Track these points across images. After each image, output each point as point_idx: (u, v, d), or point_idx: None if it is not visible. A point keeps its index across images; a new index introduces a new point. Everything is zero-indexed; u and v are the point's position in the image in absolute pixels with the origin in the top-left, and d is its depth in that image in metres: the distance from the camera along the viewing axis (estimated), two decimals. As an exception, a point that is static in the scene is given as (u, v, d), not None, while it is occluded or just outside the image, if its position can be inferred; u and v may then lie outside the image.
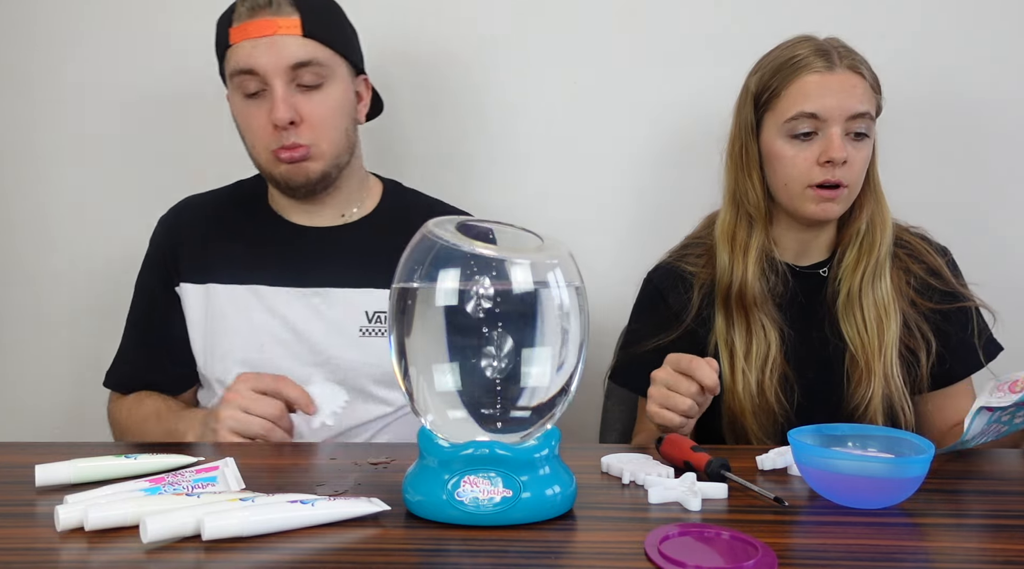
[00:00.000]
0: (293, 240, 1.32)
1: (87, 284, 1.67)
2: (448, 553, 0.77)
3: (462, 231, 0.83)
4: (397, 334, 0.84)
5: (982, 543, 0.80)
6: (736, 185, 1.30)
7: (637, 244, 1.59)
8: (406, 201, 1.39)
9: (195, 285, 1.32)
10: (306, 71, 1.22)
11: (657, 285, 1.36)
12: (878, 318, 1.26)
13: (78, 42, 1.64)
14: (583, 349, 0.84)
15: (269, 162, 1.26)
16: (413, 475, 0.85)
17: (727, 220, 1.31)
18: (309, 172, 1.26)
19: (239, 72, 1.22)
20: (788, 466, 0.98)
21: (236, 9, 1.23)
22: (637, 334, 1.34)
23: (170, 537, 0.76)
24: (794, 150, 1.23)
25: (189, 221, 1.37)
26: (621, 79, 1.60)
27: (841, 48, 1.25)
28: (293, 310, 1.29)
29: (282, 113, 1.20)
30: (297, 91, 1.23)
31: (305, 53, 1.22)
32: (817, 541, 0.79)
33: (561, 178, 1.63)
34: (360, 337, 1.28)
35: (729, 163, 1.31)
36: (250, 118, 1.24)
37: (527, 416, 0.83)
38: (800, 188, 1.24)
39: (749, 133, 1.28)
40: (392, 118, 1.58)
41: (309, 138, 1.24)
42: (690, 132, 1.60)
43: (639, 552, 0.74)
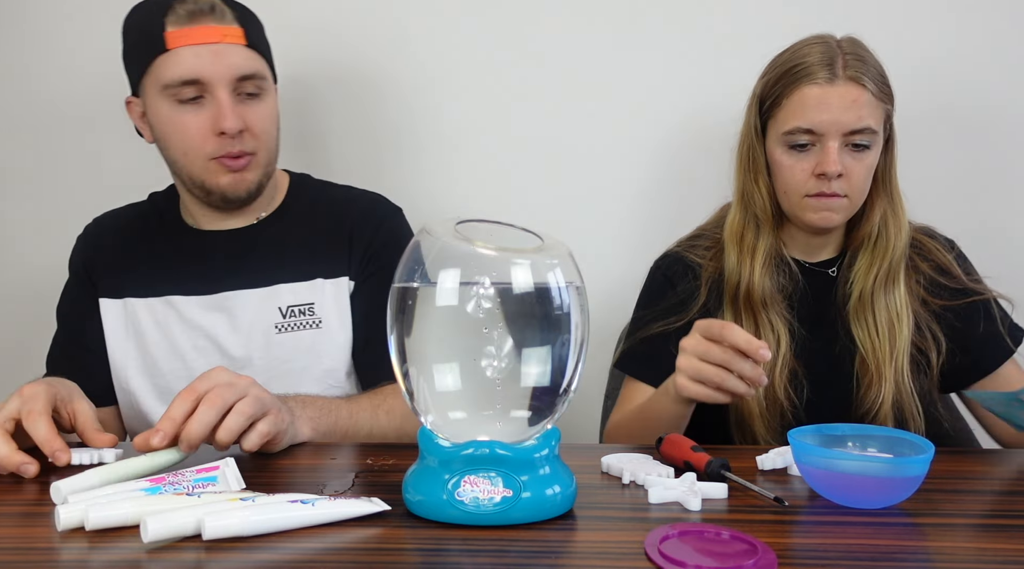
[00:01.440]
0: (204, 248, 1.32)
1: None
2: (448, 553, 0.77)
3: (462, 231, 0.83)
4: (397, 334, 0.84)
5: (982, 543, 0.80)
6: (744, 187, 1.30)
7: (637, 244, 1.59)
8: (314, 193, 1.38)
9: (113, 300, 1.32)
10: (249, 82, 1.21)
11: (665, 272, 1.35)
12: (890, 323, 1.25)
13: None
14: (583, 349, 0.84)
15: (207, 170, 1.23)
16: (413, 475, 0.85)
17: (735, 220, 1.30)
18: (250, 183, 1.25)
19: (179, 82, 1.18)
20: (788, 466, 0.98)
21: (169, 12, 1.18)
22: (643, 321, 1.33)
23: (170, 537, 0.76)
24: (791, 160, 1.23)
25: (105, 236, 1.37)
26: (618, 77, 1.60)
27: (850, 55, 1.22)
28: (208, 318, 1.29)
29: (232, 122, 1.18)
30: (239, 101, 1.21)
31: (250, 66, 1.21)
32: (817, 541, 0.79)
33: (560, 178, 1.63)
34: (277, 334, 1.28)
35: (738, 165, 1.31)
36: (185, 125, 1.20)
37: (527, 416, 0.83)
38: (797, 197, 1.24)
39: (756, 137, 1.27)
40: (379, 119, 1.60)
41: (252, 146, 1.23)
42: (691, 130, 1.60)
43: (639, 552, 0.74)
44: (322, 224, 1.33)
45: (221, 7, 1.20)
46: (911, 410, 1.25)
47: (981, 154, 1.58)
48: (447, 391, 0.83)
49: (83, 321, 1.34)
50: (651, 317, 1.32)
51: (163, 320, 1.30)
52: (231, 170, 1.23)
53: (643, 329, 1.32)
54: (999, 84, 1.56)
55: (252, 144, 1.23)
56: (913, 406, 1.25)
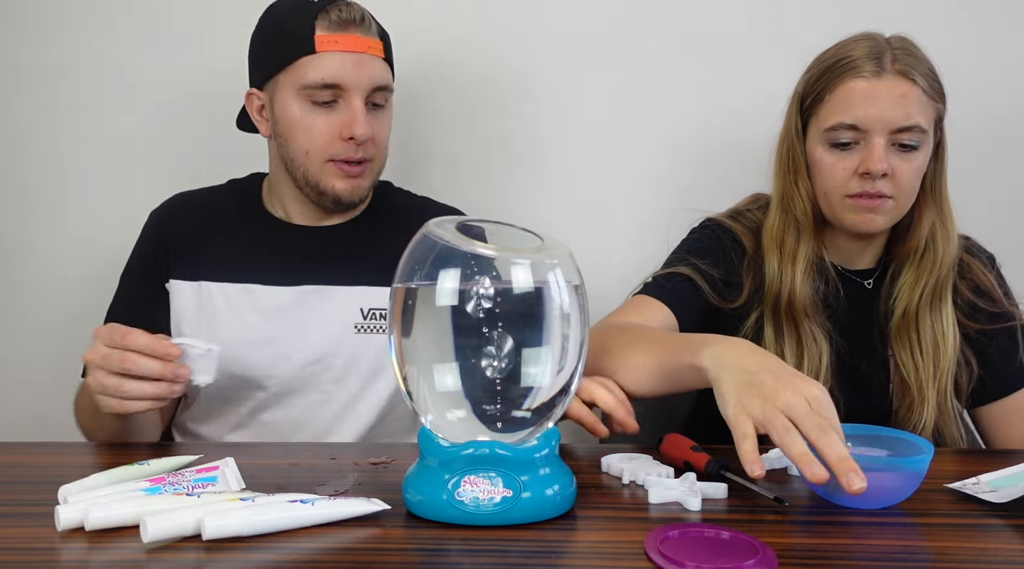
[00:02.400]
0: (287, 239, 1.32)
1: (78, 284, 1.67)
2: (448, 553, 0.77)
3: (462, 231, 0.83)
4: (397, 334, 0.84)
5: (982, 543, 0.80)
6: (783, 190, 1.24)
7: (636, 243, 1.59)
8: (397, 201, 1.41)
9: (186, 282, 1.31)
10: (380, 94, 1.26)
11: (718, 234, 1.29)
12: (935, 343, 1.20)
13: (77, 36, 1.64)
14: (583, 349, 0.84)
15: (324, 172, 1.26)
16: (413, 475, 0.85)
17: (776, 225, 1.24)
18: (364, 190, 1.29)
19: (321, 84, 1.21)
20: (788, 466, 0.98)
21: (320, 16, 1.21)
22: (678, 260, 1.27)
23: (170, 537, 0.76)
24: (833, 158, 1.18)
25: (182, 217, 1.35)
26: (632, 82, 1.61)
27: (899, 50, 1.16)
28: (288, 309, 1.29)
29: (364, 130, 1.22)
30: (368, 111, 1.25)
31: (385, 78, 1.26)
32: (817, 541, 0.79)
33: (560, 179, 1.63)
34: (356, 334, 1.29)
35: (777, 167, 1.26)
36: (313, 125, 1.24)
37: (527, 416, 0.83)
38: (839, 198, 1.19)
39: (796, 136, 1.23)
40: (414, 120, 1.60)
41: (371, 154, 1.27)
42: (698, 134, 1.60)
43: (639, 552, 0.74)
44: (410, 232, 1.34)
45: (369, 19, 1.25)
46: (952, 434, 1.21)
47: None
48: (447, 391, 0.83)
49: (143, 302, 1.32)
50: (691, 262, 1.26)
51: (238, 306, 1.29)
52: (348, 175, 1.26)
53: (674, 268, 1.26)
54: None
55: (372, 152, 1.27)
56: (955, 429, 1.21)
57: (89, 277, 1.62)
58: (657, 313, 1.23)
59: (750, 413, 0.85)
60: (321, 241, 1.32)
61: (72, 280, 1.67)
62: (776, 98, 1.28)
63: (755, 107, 1.49)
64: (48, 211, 1.67)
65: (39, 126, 1.66)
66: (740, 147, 1.56)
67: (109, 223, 1.64)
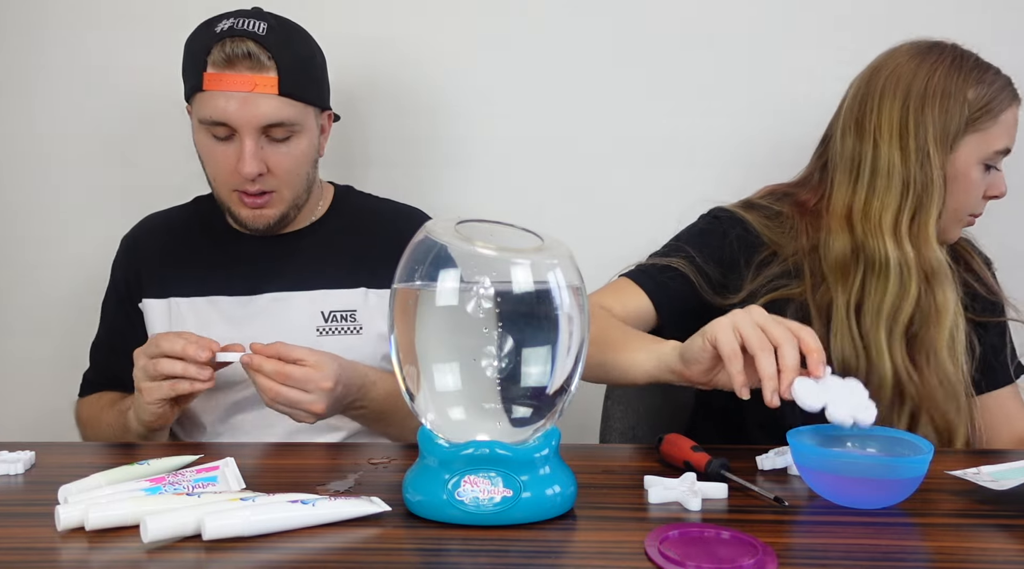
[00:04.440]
0: (248, 250, 1.34)
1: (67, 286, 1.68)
2: (448, 553, 0.77)
3: (462, 231, 0.83)
4: (397, 334, 0.84)
5: (982, 543, 0.80)
6: (924, 188, 1.16)
7: (637, 243, 1.59)
8: (357, 204, 1.42)
9: (157, 300, 1.34)
10: (278, 129, 1.23)
11: (725, 227, 1.26)
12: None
13: (62, 42, 1.64)
14: (583, 348, 0.84)
15: (230, 199, 1.28)
16: (413, 475, 0.85)
17: (892, 208, 1.17)
18: (269, 218, 1.29)
19: (211, 120, 1.22)
20: (788, 466, 0.98)
21: (212, 51, 1.20)
22: (676, 249, 1.25)
23: (170, 537, 0.76)
24: (981, 178, 1.20)
25: (150, 239, 1.39)
26: (618, 78, 1.60)
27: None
28: (251, 318, 1.30)
29: (250, 168, 1.21)
30: (266, 143, 1.24)
31: (278, 114, 1.22)
32: (817, 541, 0.79)
33: (558, 178, 1.63)
34: (317, 337, 1.29)
35: (924, 165, 1.16)
36: (215, 157, 1.25)
37: (527, 416, 0.83)
38: (965, 215, 1.22)
39: (945, 139, 1.16)
40: (379, 121, 1.60)
41: (272, 185, 1.26)
42: (688, 132, 1.60)
43: (639, 552, 0.75)
44: (370, 235, 1.35)
45: (258, 53, 1.20)
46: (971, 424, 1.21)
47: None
48: (447, 391, 0.83)
49: (121, 324, 1.37)
50: (689, 254, 1.24)
51: (207, 319, 1.31)
52: (250, 206, 1.27)
53: (669, 258, 1.24)
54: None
55: (273, 183, 1.26)
56: (974, 422, 1.21)
57: (88, 276, 1.62)
58: (635, 300, 1.22)
59: (737, 326, 0.91)
60: (280, 249, 1.34)
61: (71, 281, 1.67)
62: (775, 97, 1.27)
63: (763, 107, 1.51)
64: (39, 222, 1.68)
65: (32, 132, 1.67)
66: (747, 147, 1.57)
67: (100, 230, 1.64)
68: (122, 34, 1.63)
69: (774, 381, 0.88)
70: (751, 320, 0.92)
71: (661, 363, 1.02)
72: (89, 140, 1.66)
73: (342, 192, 1.43)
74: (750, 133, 1.56)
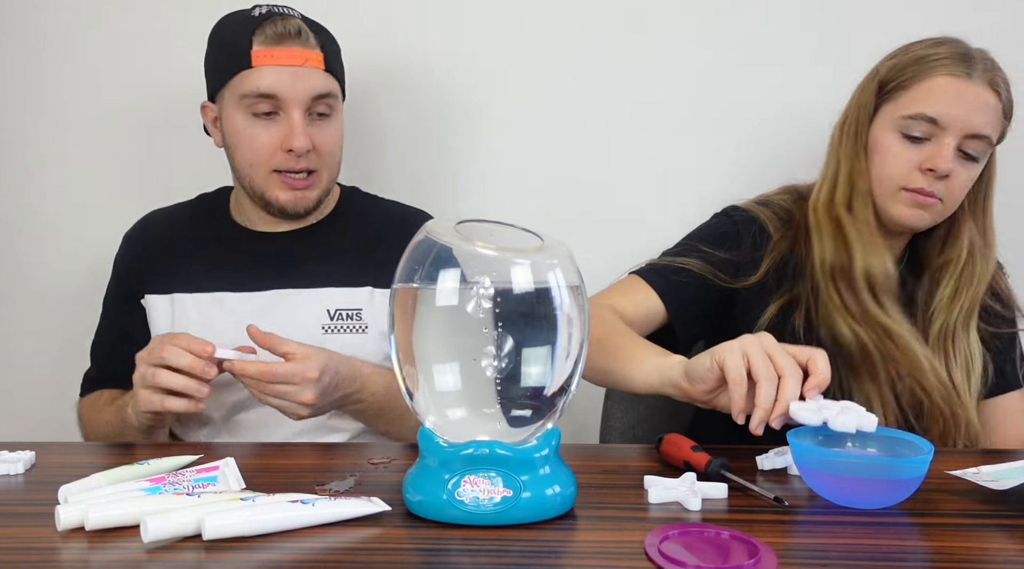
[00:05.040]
0: (254, 246, 1.34)
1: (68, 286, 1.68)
2: (448, 553, 0.77)
3: (462, 231, 0.83)
4: (397, 334, 0.84)
5: (982, 543, 0.80)
6: (853, 164, 1.20)
7: (637, 243, 1.59)
8: (362, 204, 1.42)
9: (160, 296, 1.34)
10: (322, 103, 1.27)
11: (737, 222, 1.27)
12: (967, 358, 1.21)
13: (67, 44, 1.64)
14: (583, 348, 0.84)
15: (268, 183, 1.28)
16: (413, 475, 0.85)
17: (839, 198, 1.20)
18: (309, 201, 1.30)
19: (258, 95, 1.23)
20: (788, 466, 0.98)
21: (257, 31, 1.23)
22: (690, 249, 1.25)
23: (170, 537, 0.76)
24: (901, 148, 1.16)
25: (152, 235, 1.39)
26: (618, 78, 1.61)
27: (988, 60, 1.17)
28: (255, 315, 1.29)
29: (302, 142, 1.24)
30: (310, 121, 1.26)
31: (326, 87, 1.26)
32: (817, 541, 0.79)
33: (557, 177, 1.63)
34: (323, 335, 1.29)
35: (844, 142, 1.22)
36: (255, 137, 1.26)
37: (527, 416, 0.83)
38: (893, 188, 1.17)
39: (865, 117, 1.20)
40: (390, 130, 1.60)
41: (316, 164, 1.28)
42: (684, 129, 1.60)
43: (639, 552, 0.75)
44: (376, 235, 1.36)
45: (306, 31, 1.25)
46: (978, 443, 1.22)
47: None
48: (447, 391, 0.83)
49: (122, 320, 1.37)
50: (702, 255, 1.24)
51: (210, 316, 1.31)
52: (292, 188, 1.28)
53: (683, 258, 1.24)
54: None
55: (316, 162, 1.28)
56: (982, 438, 1.22)
57: (89, 276, 1.62)
58: (645, 300, 1.22)
59: (746, 352, 0.92)
60: (287, 246, 1.34)
61: (72, 281, 1.67)
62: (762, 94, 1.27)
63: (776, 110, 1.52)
64: (39, 222, 1.68)
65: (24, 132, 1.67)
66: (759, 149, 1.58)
67: (99, 230, 1.64)
68: (126, 33, 1.63)
69: (766, 412, 0.90)
70: (761, 347, 0.92)
71: (664, 378, 1.02)
72: (90, 139, 1.66)
73: (348, 192, 1.43)
74: (768, 131, 1.57)
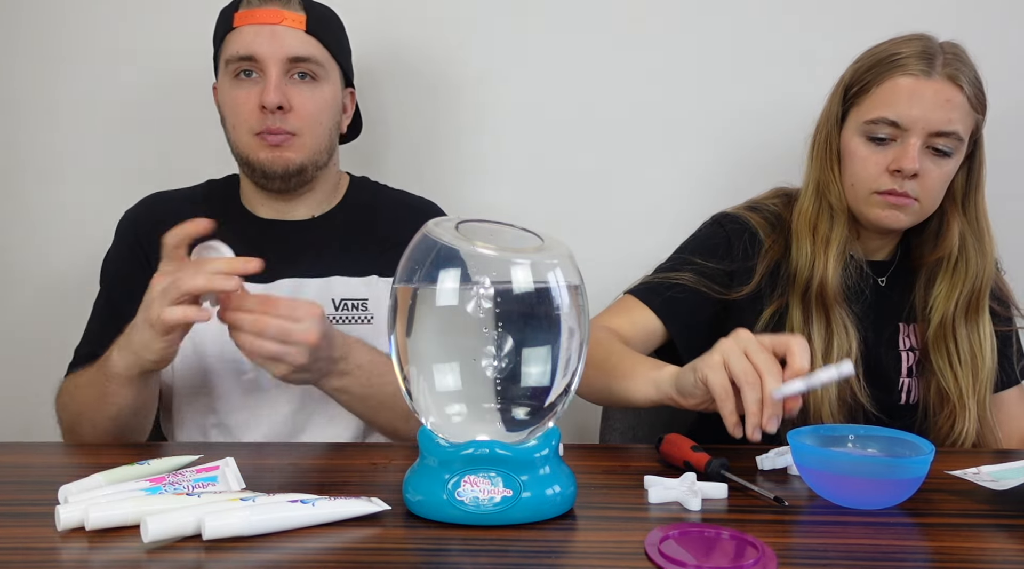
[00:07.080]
0: (262, 235, 1.33)
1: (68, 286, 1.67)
2: (448, 553, 0.77)
3: (462, 231, 0.83)
4: (397, 334, 0.84)
5: (982, 543, 0.80)
6: (820, 176, 1.23)
7: (636, 243, 1.59)
8: (370, 193, 1.42)
9: None
10: (302, 65, 1.26)
11: (728, 232, 1.27)
12: (972, 353, 1.21)
13: (67, 43, 1.64)
14: (583, 349, 0.84)
15: (250, 146, 1.27)
16: (413, 475, 0.85)
17: (808, 209, 1.23)
18: (288, 162, 1.28)
19: (237, 58, 1.25)
20: (788, 466, 0.98)
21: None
22: (682, 263, 1.26)
23: (171, 537, 0.76)
24: (867, 152, 1.18)
25: (157, 216, 1.34)
26: (621, 79, 1.61)
27: (950, 55, 1.16)
28: None
29: (273, 97, 1.23)
30: (290, 82, 1.26)
31: (305, 49, 1.26)
32: (817, 541, 0.79)
33: (558, 177, 1.63)
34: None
35: (815, 152, 1.25)
36: (237, 100, 1.26)
37: (527, 416, 0.83)
38: (866, 192, 1.19)
39: (834, 124, 1.22)
40: (397, 124, 1.61)
41: (294, 126, 1.27)
42: (686, 129, 1.60)
43: (639, 552, 0.75)
44: (383, 225, 1.35)
45: None
46: (990, 444, 1.22)
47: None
48: (447, 391, 0.83)
49: (132, 287, 1.27)
50: (694, 267, 1.25)
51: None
52: (270, 145, 1.27)
53: (678, 271, 1.25)
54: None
55: (295, 124, 1.27)
56: (994, 440, 1.22)
57: (89, 276, 1.62)
58: (643, 319, 1.23)
59: (726, 361, 0.94)
60: (294, 235, 1.33)
61: (60, 277, 1.67)
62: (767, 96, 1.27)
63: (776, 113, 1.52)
64: (40, 221, 1.68)
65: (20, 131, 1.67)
66: (758, 150, 1.58)
67: (99, 230, 1.64)
68: (126, 33, 1.63)
69: (757, 417, 0.92)
70: (738, 348, 0.95)
71: (661, 391, 1.05)
72: (90, 139, 1.66)
73: (357, 181, 1.43)
74: (768, 131, 1.57)
